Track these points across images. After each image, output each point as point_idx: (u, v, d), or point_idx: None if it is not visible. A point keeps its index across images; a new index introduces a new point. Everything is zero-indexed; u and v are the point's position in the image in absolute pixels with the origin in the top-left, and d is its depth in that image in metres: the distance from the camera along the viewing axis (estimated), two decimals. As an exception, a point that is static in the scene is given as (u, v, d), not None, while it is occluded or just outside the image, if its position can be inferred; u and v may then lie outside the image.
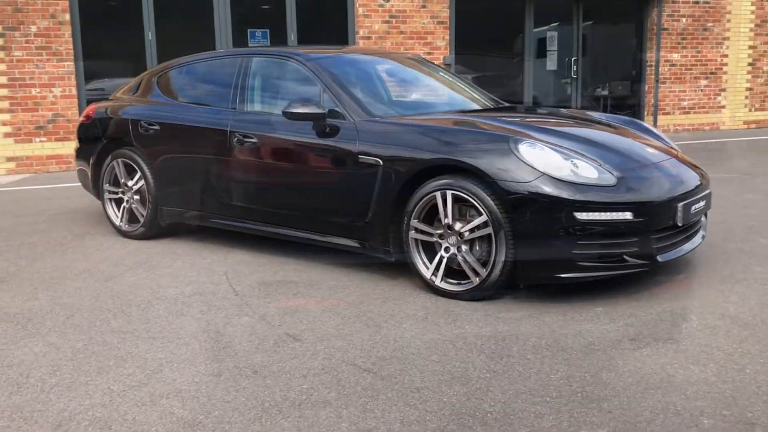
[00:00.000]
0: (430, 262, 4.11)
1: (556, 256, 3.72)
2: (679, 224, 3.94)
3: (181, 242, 5.54)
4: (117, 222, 5.74)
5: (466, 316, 3.76)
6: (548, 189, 3.68)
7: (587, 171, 3.80)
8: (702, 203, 4.15)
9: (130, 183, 5.63)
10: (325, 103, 4.54)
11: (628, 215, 3.72)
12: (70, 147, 9.63)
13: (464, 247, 3.96)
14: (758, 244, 5.05)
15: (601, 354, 3.24)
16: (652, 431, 2.55)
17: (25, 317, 3.92)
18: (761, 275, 4.32)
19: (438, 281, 4.07)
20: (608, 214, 3.69)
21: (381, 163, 4.19)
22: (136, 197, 5.62)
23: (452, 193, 3.93)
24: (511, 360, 3.20)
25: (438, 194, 3.98)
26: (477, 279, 3.92)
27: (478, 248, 3.96)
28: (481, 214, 3.85)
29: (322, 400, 2.86)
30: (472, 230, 3.91)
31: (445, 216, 3.98)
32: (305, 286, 4.36)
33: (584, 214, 3.67)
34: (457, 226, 3.97)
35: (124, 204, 5.69)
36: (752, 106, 14.43)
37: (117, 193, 5.74)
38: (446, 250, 4.02)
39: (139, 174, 5.51)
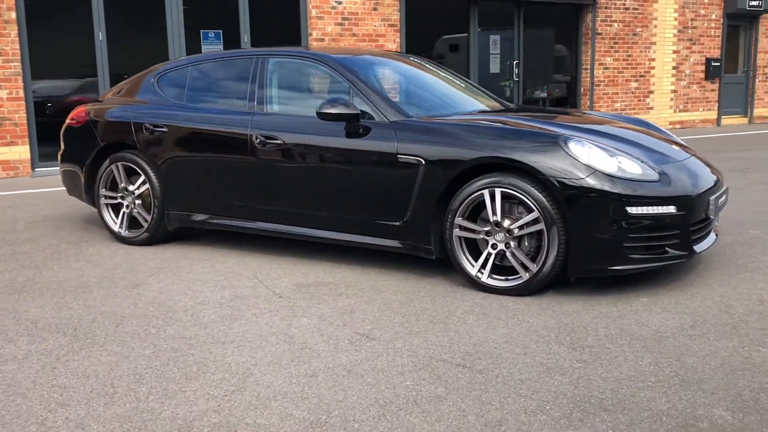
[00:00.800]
0: (474, 259, 4.19)
1: (609, 249, 3.88)
2: (711, 216, 4.18)
3: (188, 247, 5.41)
4: (116, 228, 5.55)
5: (524, 311, 3.86)
6: (602, 185, 3.83)
7: (632, 167, 3.97)
8: (724, 197, 4.41)
9: (131, 187, 5.45)
10: (353, 103, 4.56)
11: (672, 209, 3.91)
12: (18, 152, 9.22)
13: (512, 243, 4.06)
14: (750, 236, 5.39)
15: (673, 341, 3.41)
16: (762, 408, 2.72)
17: (71, 327, 3.76)
18: (772, 263, 4.63)
19: (484, 278, 4.15)
20: (656, 208, 3.88)
21: (423, 162, 4.24)
22: (138, 202, 5.44)
23: (501, 191, 4.02)
24: (593, 350, 3.32)
25: (486, 192, 4.06)
26: (527, 274, 4.02)
27: (526, 244, 4.07)
28: (531, 211, 3.96)
29: (433, 395, 2.89)
30: (521, 227, 4.02)
31: (494, 213, 4.07)
32: (345, 287, 4.36)
33: (635, 208, 3.84)
34: (506, 223, 4.06)
35: (124, 209, 5.50)
36: (676, 108, 15.24)
37: (115, 198, 5.54)
38: (493, 246, 4.11)
39: (142, 178, 5.35)
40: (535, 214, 3.95)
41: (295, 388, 2.98)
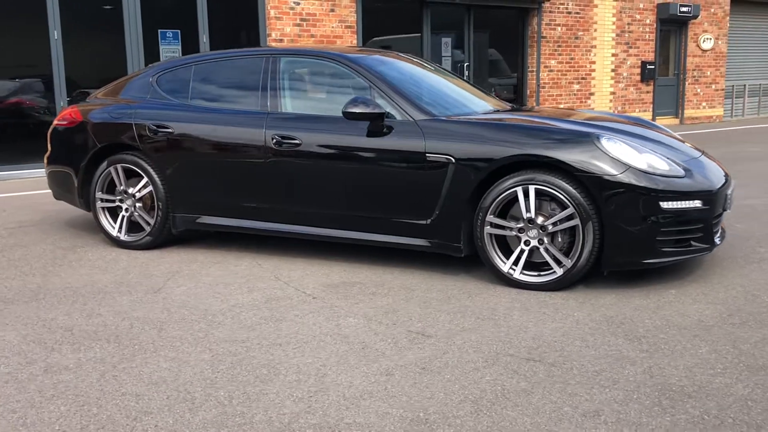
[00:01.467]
0: (505, 256, 4.26)
1: (643, 243, 4.01)
2: (728, 210, 4.37)
3: (193, 250, 5.29)
4: (114, 232, 5.36)
5: (564, 305, 3.95)
6: (637, 180, 3.96)
7: (659, 163, 4.12)
8: (733, 192, 4.62)
9: (131, 190, 5.28)
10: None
11: (698, 203, 4.08)
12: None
13: (546, 240, 4.14)
14: (738, 229, 5.65)
15: (719, 329, 3.55)
16: (833, 389, 2.88)
17: (110, 334, 3.62)
18: (774, 255, 4.88)
19: (516, 274, 4.22)
20: (685, 202, 4.03)
21: (453, 160, 4.28)
22: (138, 205, 5.28)
23: (535, 188, 4.10)
24: (649, 340, 3.43)
25: (519, 189, 4.13)
26: (561, 270, 4.12)
27: (559, 240, 4.16)
28: (565, 207, 4.06)
29: (519, 389, 2.93)
30: (555, 223, 4.11)
31: (527, 210, 4.14)
32: (374, 286, 4.35)
33: (667, 203, 3.98)
34: (539, 219, 4.14)
35: (123, 213, 5.32)
36: (615, 109, 15.78)
37: (113, 201, 5.36)
38: (526, 243, 4.19)
39: (144, 180, 5.19)
40: (570, 210, 4.04)
41: (377, 387, 2.97)
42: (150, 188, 5.18)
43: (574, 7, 14.64)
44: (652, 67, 16.25)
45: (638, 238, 4.00)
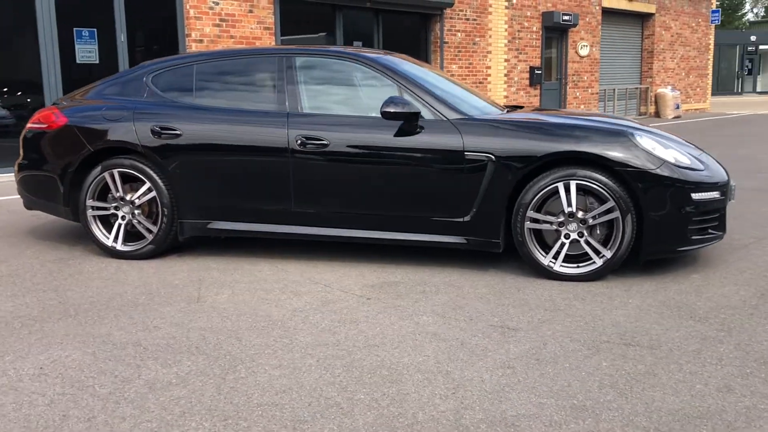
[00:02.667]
0: (544, 250, 4.42)
1: (677, 232, 4.30)
2: (733, 200, 4.76)
3: (198, 257, 5.07)
4: (108, 242, 5.04)
5: (615, 294, 4.15)
6: (672, 173, 4.24)
7: (682, 158, 4.42)
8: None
9: (129, 196, 4.98)
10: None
11: (716, 194, 4.42)
12: None
13: (586, 232, 4.34)
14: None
15: (765, 306, 3.88)
16: None
17: (189, 345, 3.44)
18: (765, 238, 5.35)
19: (556, 266, 4.39)
20: (709, 193, 4.36)
21: (494, 158, 4.38)
22: (137, 212, 4.99)
23: (576, 183, 4.28)
24: (715, 320, 3.69)
25: (561, 184, 4.30)
26: (601, 261, 4.32)
27: (598, 232, 4.37)
28: (603, 201, 4.27)
29: (641, 372, 3.08)
30: (595, 217, 4.31)
31: (569, 204, 4.32)
32: (419, 285, 4.37)
33: (697, 194, 4.29)
34: (580, 213, 4.33)
35: (119, 221, 5.01)
36: (509, 112, 16.46)
37: (107, 209, 5.03)
38: (566, 236, 4.36)
39: (147, 185, 4.92)
40: (610, 204, 4.25)
41: (510, 380, 3.02)
42: (153, 194, 4.92)
43: (472, 14, 15.17)
44: (539, 72, 17.11)
45: (673, 227, 4.28)
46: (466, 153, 4.43)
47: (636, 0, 20.28)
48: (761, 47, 43.95)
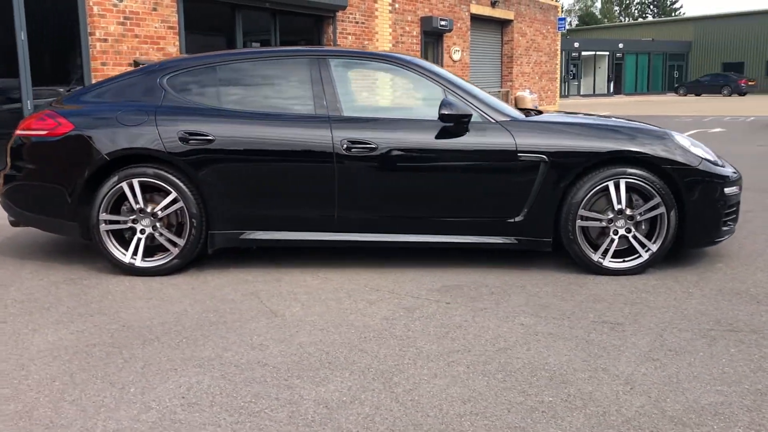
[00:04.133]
0: (592, 246, 4.60)
1: (714, 224, 4.62)
2: (737, 195, 5.18)
3: (223, 270, 4.78)
4: (125, 258, 4.62)
5: (669, 286, 4.39)
6: (710, 170, 4.55)
7: (708, 155, 4.76)
8: None
9: (151, 208, 4.61)
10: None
11: (737, 188, 4.80)
12: None
13: (633, 228, 4.56)
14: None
15: (810, 289, 4.28)
16: None
17: (313, 364, 3.27)
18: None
19: (606, 262, 4.58)
20: (735, 188, 4.72)
21: (546, 159, 4.49)
22: (159, 224, 4.63)
23: (625, 181, 4.49)
24: (781, 303, 4.03)
25: (611, 183, 4.50)
26: (647, 254, 4.56)
27: (643, 227, 4.60)
28: (650, 198, 4.51)
29: (766, 355, 3.32)
30: (641, 213, 4.54)
31: (618, 202, 4.52)
32: (485, 287, 4.39)
33: (728, 188, 4.64)
34: (628, 210, 4.54)
35: (138, 235, 4.62)
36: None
37: (125, 222, 4.62)
38: (615, 233, 4.56)
39: (172, 195, 4.56)
40: (657, 200, 4.50)
41: (669, 371, 3.13)
42: (179, 204, 4.57)
43: (361, 17, 15.27)
44: (421, 75, 17.48)
45: (711, 219, 4.60)
46: (519, 154, 4.50)
47: (498, 7, 21.30)
48: (583, 53, 47.55)
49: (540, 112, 5.21)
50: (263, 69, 4.80)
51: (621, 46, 48.93)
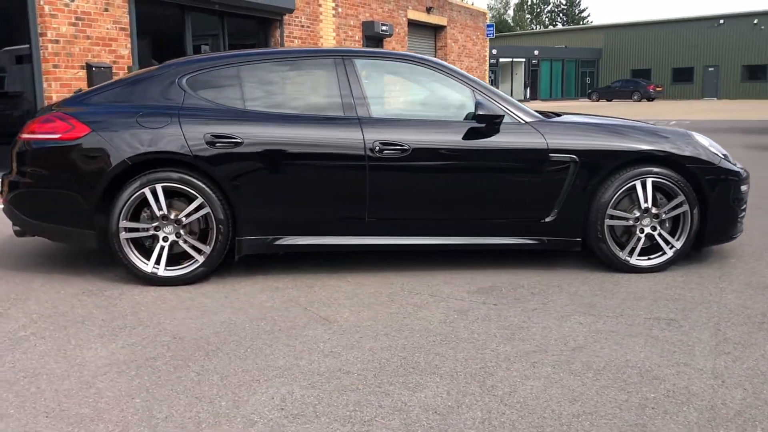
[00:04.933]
0: (618, 245, 4.67)
1: (732, 221, 4.78)
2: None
3: (246, 278, 4.61)
4: (147, 267, 4.40)
5: (698, 282, 4.51)
6: (729, 167, 4.71)
7: (724, 153, 4.92)
8: None
9: (175, 214, 4.41)
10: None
11: (747, 186, 4.98)
12: None
13: (658, 226, 4.66)
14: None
15: (828, 282, 4.49)
16: None
17: (398, 369, 3.19)
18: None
19: (632, 260, 4.67)
20: (746, 185, 4.90)
21: (577, 159, 4.55)
22: (183, 231, 4.44)
23: (652, 180, 4.59)
24: (812, 296, 4.20)
25: (638, 182, 4.59)
26: (671, 251, 4.68)
27: (666, 225, 4.71)
28: (674, 196, 4.62)
29: (830, 344, 3.45)
30: (666, 211, 4.65)
31: (645, 200, 4.61)
32: (523, 288, 4.39)
33: (743, 185, 4.81)
34: (653, 209, 4.64)
35: (161, 243, 4.41)
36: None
37: (147, 230, 4.40)
38: (641, 231, 4.66)
39: (198, 201, 4.38)
40: (681, 198, 4.61)
41: (739, 368, 3.20)
42: (206, 210, 4.39)
43: (306, 20, 15.13)
44: (363, 79, 17.47)
45: (730, 216, 4.75)
46: (550, 154, 4.53)
47: (432, 13, 21.51)
48: (501, 60, 48.63)
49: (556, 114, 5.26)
50: (287, 69, 4.67)
51: (536, 53, 50.31)
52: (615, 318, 3.82)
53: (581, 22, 79.14)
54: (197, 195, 4.37)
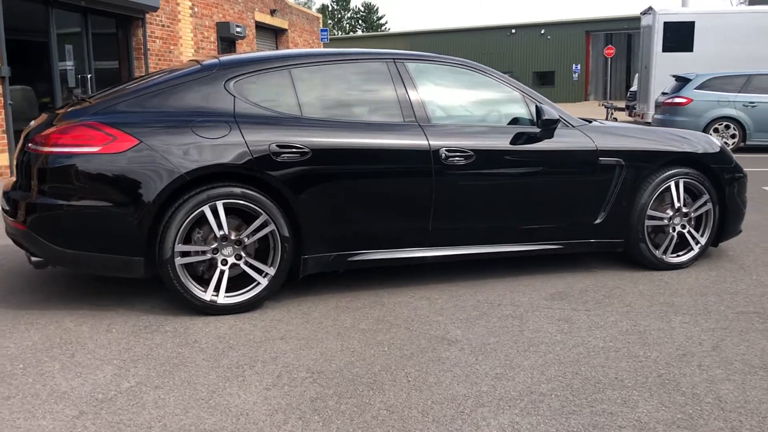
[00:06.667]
0: (653, 245, 4.87)
1: (741, 216, 5.13)
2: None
3: (314, 299, 4.26)
4: (206, 295, 3.91)
5: (723, 276, 4.79)
6: (738, 164, 5.07)
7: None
8: None
9: (236, 235, 3.96)
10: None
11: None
12: None
13: (687, 225, 4.91)
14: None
15: (833, 268, 4.97)
16: None
17: (583, 383, 3.11)
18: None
19: (667, 258, 4.89)
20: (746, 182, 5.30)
21: (623, 162, 4.67)
22: (243, 252, 4.00)
23: (684, 181, 4.83)
24: (838, 282, 4.63)
25: (672, 183, 4.80)
26: (698, 248, 4.95)
27: (692, 223, 4.97)
28: (700, 195, 4.89)
29: None
30: (694, 210, 4.91)
31: (678, 200, 4.84)
32: (589, 291, 4.42)
33: (747, 183, 5.21)
34: (684, 208, 4.87)
35: (220, 267, 3.94)
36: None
37: (206, 252, 3.91)
38: (673, 230, 4.89)
39: (263, 218, 3.96)
40: (706, 197, 4.89)
41: None
42: (271, 227, 3.97)
43: (167, 20, 14.23)
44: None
45: (740, 212, 5.11)
46: (600, 157, 4.62)
47: (276, 16, 21.12)
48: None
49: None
50: (340, 73, 4.34)
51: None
52: (704, 315, 3.96)
53: (379, 29, 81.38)
54: (261, 211, 3.94)
